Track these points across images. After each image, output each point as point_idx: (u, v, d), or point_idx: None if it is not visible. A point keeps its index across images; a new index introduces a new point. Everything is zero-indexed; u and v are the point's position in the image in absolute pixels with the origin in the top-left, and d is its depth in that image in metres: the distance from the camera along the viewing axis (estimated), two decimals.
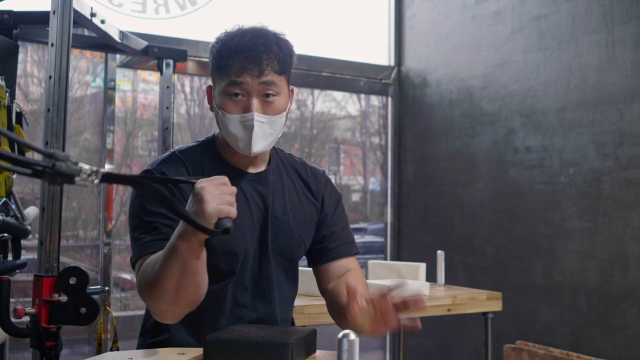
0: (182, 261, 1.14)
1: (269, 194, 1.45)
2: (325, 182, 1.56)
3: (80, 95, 3.34)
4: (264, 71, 1.33)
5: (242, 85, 1.33)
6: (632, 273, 2.67)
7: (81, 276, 1.66)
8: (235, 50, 1.33)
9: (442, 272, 2.85)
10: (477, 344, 3.25)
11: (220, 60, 1.36)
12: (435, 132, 3.85)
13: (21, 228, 1.85)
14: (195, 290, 1.21)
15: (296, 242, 1.48)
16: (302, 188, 1.53)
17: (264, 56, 1.33)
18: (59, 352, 1.71)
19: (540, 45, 3.16)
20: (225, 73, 1.34)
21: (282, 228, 1.45)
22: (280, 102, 1.38)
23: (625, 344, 2.68)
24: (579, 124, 2.94)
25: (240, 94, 1.34)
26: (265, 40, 1.35)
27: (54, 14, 1.80)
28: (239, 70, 1.33)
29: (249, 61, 1.33)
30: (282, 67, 1.36)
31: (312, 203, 1.53)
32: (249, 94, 1.34)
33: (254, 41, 1.34)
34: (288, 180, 1.51)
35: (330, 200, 1.55)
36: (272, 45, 1.35)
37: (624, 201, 2.72)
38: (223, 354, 1.16)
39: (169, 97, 2.80)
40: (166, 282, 1.17)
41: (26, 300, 2.96)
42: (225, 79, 1.35)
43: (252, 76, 1.33)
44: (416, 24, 4.06)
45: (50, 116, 1.78)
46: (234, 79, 1.33)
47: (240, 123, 1.34)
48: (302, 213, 1.50)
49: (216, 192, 1.09)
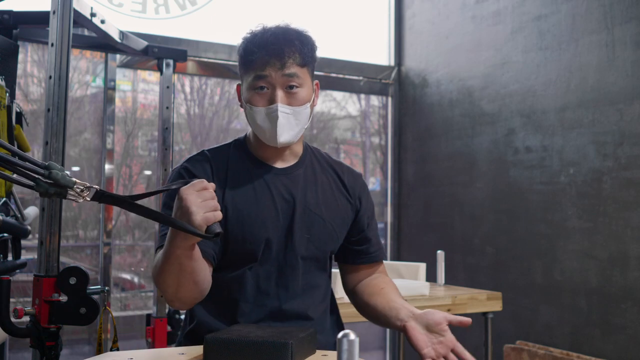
0: (177, 263, 1.21)
1: (298, 187, 1.50)
2: (362, 185, 1.62)
3: (80, 95, 3.34)
4: (286, 64, 1.41)
5: (266, 78, 1.41)
6: (632, 273, 2.67)
7: (81, 276, 1.66)
8: (258, 46, 1.41)
9: (442, 272, 2.85)
10: (477, 344, 3.24)
11: (245, 57, 1.44)
12: (435, 132, 3.85)
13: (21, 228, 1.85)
14: (193, 288, 1.28)
15: (329, 235, 1.52)
16: (338, 184, 1.57)
17: (286, 49, 1.41)
18: (59, 352, 1.71)
19: (540, 45, 3.16)
20: (251, 68, 1.42)
21: (315, 220, 1.49)
22: (303, 94, 1.44)
23: (625, 344, 2.68)
24: (579, 124, 2.94)
25: (265, 87, 1.41)
26: (286, 35, 1.43)
27: (54, 14, 1.80)
28: (263, 64, 1.40)
29: (271, 55, 1.40)
30: (303, 60, 1.43)
31: (347, 200, 1.57)
32: (273, 86, 1.41)
33: (275, 36, 1.42)
34: (322, 175, 1.56)
35: (368, 205, 1.62)
36: (293, 39, 1.43)
37: (624, 201, 2.72)
38: (223, 354, 1.16)
39: (169, 97, 2.80)
40: (167, 280, 1.25)
41: (26, 300, 2.96)
42: (250, 73, 1.43)
43: (275, 69, 1.40)
44: (416, 24, 4.06)
45: (50, 116, 1.78)
46: (259, 72, 1.41)
47: (266, 115, 1.41)
48: (336, 207, 1.54)
49: (199, 200, 1.14)
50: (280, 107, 1.40)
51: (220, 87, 3.76)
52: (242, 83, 1.47)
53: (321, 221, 1.50)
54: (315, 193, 1.52)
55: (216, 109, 3.75)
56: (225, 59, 3.65)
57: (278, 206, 1.47)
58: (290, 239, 1.46)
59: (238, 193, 1.45)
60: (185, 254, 1.20)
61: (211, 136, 3.73)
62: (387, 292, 1.52)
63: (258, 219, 1.43)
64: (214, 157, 1.49)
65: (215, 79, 3.73)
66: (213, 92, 3.76)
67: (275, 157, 1.51)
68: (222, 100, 3.78)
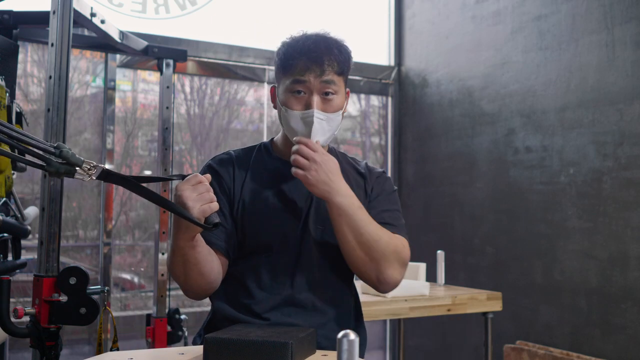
0: (181, 254, 1.31)
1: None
2: (378, 176, 1.63)
3: (80, 95, 3.34)
4: (325, 71, 1.46)
5: (305, 83, 1.46)
6: (632, 273, 2.67)
7: (81, 276, 1.66)
8: (300, 52, 1.47)
9: (442, 272, 2.85)
10: (477, 344, 3.24)
11: (285, 61, 1.48)
12: (435, 132, 3.85)
13: (21, 228, 1.85)
14: (199, 278, 1.37)
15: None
16: (357, 179, 1.59)
17: (325, 57, 1.46)
18: (59, 352, 1.71)
19: (540, 45, 3.16)
20: (290, 72, 1.47)
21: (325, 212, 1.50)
22: (338, 101, 1.50)
23: (625, 344, 2.68)
24: (579, 124, 2.94)
25: (302, 91, 1.46)
26: (326, 44, 1.49)
27: (54, 14, 1.80)
28: (303, 69, 1.46)
29: (312, 61, 1.45)
30: (341, 69, 1.49)
31: (366, 193, 1.59)
32: (310, 91, 1.46)
33: (316, 44, 1.48)
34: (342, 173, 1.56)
35: (378, 190, 1.61)
36: (333, 48, 1.49)
37: (624, 201, 2.72)
38: (223, 354, 1.16)
39: (169, 97, 2.80)
40: (176, 270, 1.36)
41: (26, 300, 2.96)
42: (289, 77, 1.47)
43: (315, 75, 1.45)
44: (416, 24, 4.06)
45: (50, 116, 1.78)
46: (298, 77, 1.46)
47: (301, 119, 1.46)
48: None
49: (194, 194, 1.22)
50: (315, 113, 1.45)
51: (220, 87, 3.76)
52: (279, 86, 1.52)
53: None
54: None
55: (216, 109, 3.75)
56: (225, 59, 3.65)
57: (297, 200, 1.51)
58: (306, 231, 1.50)
59: (257, 188, 1.51)
60: (188, 245, 1.29)
61: (211, 136, 3.73)
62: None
63: (275, 212, 1.49)
64: (238, 156, 1.56)
65: (215, 79, 3.73)
66: (213, 92, 3.76)
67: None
68: (222, 100, 3.78)
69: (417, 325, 3.77)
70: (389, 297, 2.38)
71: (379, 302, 2.35)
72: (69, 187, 3.25)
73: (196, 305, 3.48)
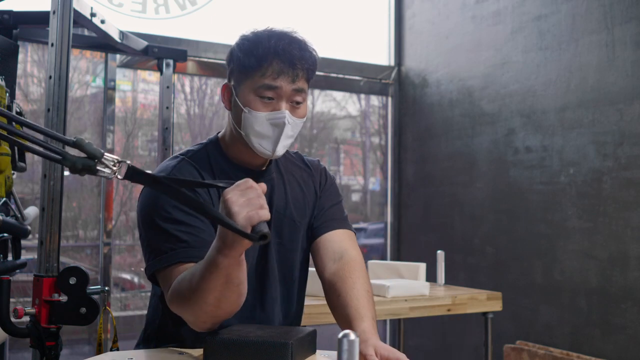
0: (224, 275, 1.11)
1: (273, 191, 1.45)
2: (321, 170, 1.57)
3: (80, 95, 3.34)
4: (298, 77, 1.34)
5: (276, 89, 1.33)
6: (632, 273, 2.67)
7: (81, 276, 1.66)
8: (273, 52, 1.33)
9: (442, 272, 2.85)
10: (477, 344, 3.24)
11: (252, 58, 1.34)
12: (435, 132, 3.85)
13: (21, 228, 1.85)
14: (237, 299, 1.19)
15: (300, 233, 1.48)
16: (304, 178, 1.53)
17: (298, 62, 1.34)
18: (59, 352, 1.70)
19: (540, 45, 3.16)
20: (259, 73, 1.33)
21: (284, 222, 1.45)
22: (304, 108, 1.39)
23: (625, 344, 2.68)
24: (579, 124, 2.94)
25: (272, 98, 1.34)
26: (299, 46, 1.36)
27: (54, 14, 1.80)
28: (275, 72, 1.32)
29: (285, 64, 1.32)
30: (309, 75, 1.38)
31: (314, 191, 1.53)
32: (280, 97, 1.34)
33: (290, 46, 1.34)
34: (288, 174, 1.51)
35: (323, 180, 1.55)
36: (305, 51, 1.36)
37: (624, 201, 2.72)
38: (223, 354, 1.16)
39: (169, 97, 2.80)
40: (208, 297, 1.14)
41: (26, 300, 2.96)
42: (257, 79, 1.33)
43: (287, 81, 1.33)
44: (416, 24, 4.06)
45: (50, 116, 1.78)
46: (270, 82, 1.33)
47: (268, 120, 1.33)
48: (304, 203, 1.50)
49: (242, 199, 1.05)
50: (287, 116, 1.33)
51: (220, 87, 3.76)
52: (239, 84, 1.37)
53: (292, 222, 1.46)
54: (285, 194, 1.47)
55: (216, 109, 3.75)
56: (225, 59, 3.64)
57: None
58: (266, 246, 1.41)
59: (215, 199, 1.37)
60: (234, 263, 1.10)
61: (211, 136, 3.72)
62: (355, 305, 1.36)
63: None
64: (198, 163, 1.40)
65: (215, 79, 3.73)
66: (213, 92, 3.76)
67: (251, 160, 1.42)
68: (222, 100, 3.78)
69: (417, 325, 3.77)
70: (389, 297, 2.38)
71: (379, 302, 2.34)
72: (69, 187, 3.25)
73: None
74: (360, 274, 1.41)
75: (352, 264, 1.43)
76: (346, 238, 1.49)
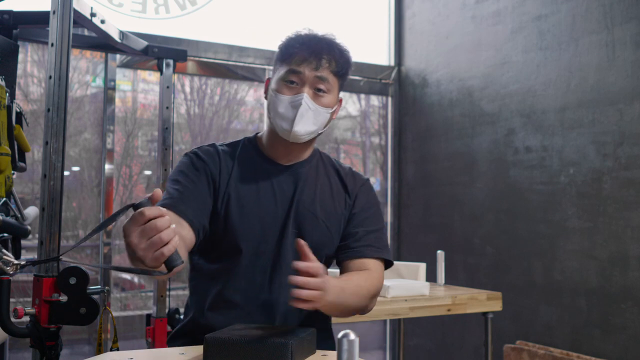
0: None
1: (298, 184, 1.52)
2: (362, 185, 1.62)
3: (80, 95, 3.34)
4: (321, 66, 1.46)
5: (299, 74, 1.45)
6: (632, 273, 2.67)
7: (81, 276, 1.66)
8: (301, 43, 1.47)
9: (442, 272, 2.85)
10: (477, 344, 3.24)
11: (284, 51, 1.49)
12: (435, 132, 3.85)
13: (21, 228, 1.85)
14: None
15: (322, 232, 1.51)
16: (338, 186, 1.59)
17: (324, 54, 1.47)
18: (59, 352, 1.71)
19: (540, 45, 3.16)
20: (287, 62, 1.47)
21: (307, 217, 1.50)
22: (328, 100, 1.49)
23: (625, 344, 2.68)
24: (579, 124, 2.94)
25: (295, 82, 1.46)
26: (329, 43, 1.50)
27: (54, 14, 1.80)
28: (299, 60, 1.45)
29: (310, 53, 1.45)
30: (337, 69, 1.49)
31: (345, 201, 1.58)
32: (303, 82, 1.46)
33: (319, 40, 1.49)
34: (325, 177, 1.58)
35: (363, 201, 1.59)
36: (335, 48, 1.50)
37: (624, 201, 2.72)
38: (223, 354, 1.16)
39: (169, 97, 2.80)
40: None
41: (26, 300, 2.96)
42: (285, 66, 1.47)
43: (310, 68, 1.45)
44: (416, 24, 4.06)
45: (50, 116, 1.78)
46: (294, 67, 1.45)
47: (289, 103, 1.45)
48: (332, 207, 1.55)
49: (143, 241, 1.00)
50: (305, 98, 1.44)
51: (220, 87, 3.76)
52: (274, 76, 1.51)
53: (314, 219, 1.51)
54: (313, 192, 1.53)
55: (216, 109, 3.75)
56: (225, 59, 3.64)
57: (278, 202, 1.49)
58: (284, 235, 1.48)
59: (242, 185, 1.49)
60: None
61: (211, 136, 3.72)
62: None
63: (257, 213, 1.46)
64: (224, 150, 1.54)
65: (215, 79, 3.73)
66: (213, 92, 3.76)
67: (283, 156, 1.53)
68: (222, 100, 3.78)
69: (417, 325, 3.77)
70: (389, 297, 2.38)
71: (379, 302, 2.34)
72: (69, 187, 3.25)
73: None
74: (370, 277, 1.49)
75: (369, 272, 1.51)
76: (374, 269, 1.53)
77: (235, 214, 1.46)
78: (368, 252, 1.53)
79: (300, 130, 1.45)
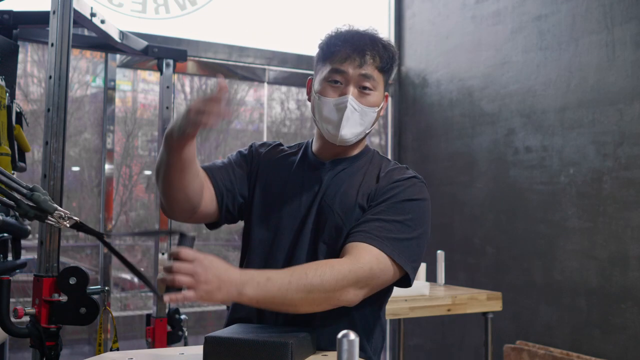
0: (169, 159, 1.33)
1: (328, 179, 1.46)
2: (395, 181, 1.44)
3: (80, 95, 3.34)
4: (365, 63, 1.40)
5: (343, 73, 1.40)
6: (632, 273, 2.67)
7: (81, 276, 1.66)
8: (343, 40, 1.41)
9: (442, 272, 2.85)
10: (477, 344, 3.24)
11: (326, 49, 1.43)
12: (435, 132, 3.85)
13: (21, 228, 1.85)
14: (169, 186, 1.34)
15: (336, 227, 1.40)
16: (370, 184, 1.45)
17: (368, 50, 1.40)
18: (59, 352, 1.71)
19: (540, 45, 3.16)
20: (329, 60, 1.41)
21: (324, 210, 1.43)
22: (375, 98, 1.43)
23: (625, 344, 2.68)
24: (579, 124, 2.94)
25: (339, 82, 1.40)
26: (372, 38, 1.43)
27: (54, 14, 1.80)
28: (342, 58, 1.40)
29: (352, 50, 1.39)
30: (382, 65, 1.42)
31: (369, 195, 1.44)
32: (347, 82, 1.40)
33: (361, 36, 1.42)
34: (360, 175, 1.47)
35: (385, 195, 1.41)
36: (378, 43, 1.42)
37: (624, 201, 2.72)
38: (223, 353, 1.16)
39: (169, 97, 2.80)
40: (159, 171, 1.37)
41: (26, 300, 2.96)
42: (327, 66, 1.42)
43: (354, 66, 1.39)
44: (416, 24, 4.06)
45: (50, 116, 1.78)
46: (337, 66, 1.40)
47: (334, 106, 1.40)
48: (353, 202, 1.42)
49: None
50: (350, 100, 1.38)
51: None
52: (316, 75, 1.46)
53: (330, 212, 1.41)
54: (339, 187, 1.44)
55: None
56: (225, 59, 3.65)
57: (303, 199, 1.45)
58: (301, 231, 1.43)
59: (273, 180, 1.49)
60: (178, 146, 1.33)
61: (211, 136, 3.73)
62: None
63: (282, 206, 1.45)
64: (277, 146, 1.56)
65: (215, 79, 3.73)
66: (213, 92, 3.76)
67: (331, 156, 1.49)
68: None
69: (417, 325, 3.77)
70: None
71: None
72: (69, 187, 3.25)
73: (196, 306, 3.48)
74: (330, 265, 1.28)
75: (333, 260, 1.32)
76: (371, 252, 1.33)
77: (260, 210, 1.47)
78: (358, 237, 1.33)
79: (347, 133, 1.40)
